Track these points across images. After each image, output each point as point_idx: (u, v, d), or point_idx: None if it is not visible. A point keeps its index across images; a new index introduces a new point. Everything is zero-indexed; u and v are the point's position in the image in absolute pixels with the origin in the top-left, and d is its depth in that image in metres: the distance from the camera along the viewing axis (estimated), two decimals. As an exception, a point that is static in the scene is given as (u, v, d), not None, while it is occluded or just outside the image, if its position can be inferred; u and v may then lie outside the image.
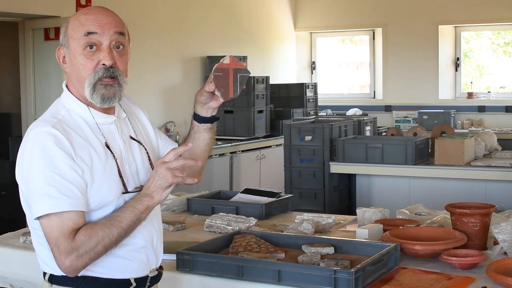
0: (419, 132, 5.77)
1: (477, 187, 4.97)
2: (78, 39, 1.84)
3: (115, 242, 1.80)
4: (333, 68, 10.00)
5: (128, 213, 1.81)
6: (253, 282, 2.25)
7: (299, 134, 5.61)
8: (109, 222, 1.79)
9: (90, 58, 1.84)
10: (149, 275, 1.96)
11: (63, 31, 1.89)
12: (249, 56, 8.02)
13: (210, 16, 7.81)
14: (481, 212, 2.63)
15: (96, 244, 1.76)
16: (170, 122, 6.98)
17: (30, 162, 1.78)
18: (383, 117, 8.72)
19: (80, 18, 1.86)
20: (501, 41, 9.06)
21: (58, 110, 1.88)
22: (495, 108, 8.54)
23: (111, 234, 1.78)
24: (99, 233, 1.77)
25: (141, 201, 1.82)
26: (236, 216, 3.10)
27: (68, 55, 1.87)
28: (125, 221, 1.80)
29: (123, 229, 1.80)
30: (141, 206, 1.82)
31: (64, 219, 1.75)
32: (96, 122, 1.88)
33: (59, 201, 1.74)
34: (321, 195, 5.48)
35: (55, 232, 1.75)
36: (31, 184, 1.78)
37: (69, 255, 1.74)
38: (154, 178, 1.82)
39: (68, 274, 1.79)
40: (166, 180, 1.80)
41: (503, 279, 2.13)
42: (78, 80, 1.87)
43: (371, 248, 2.43)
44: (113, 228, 1.78)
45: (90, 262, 1.78)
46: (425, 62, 8.78)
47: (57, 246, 1.75)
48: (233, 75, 1.95)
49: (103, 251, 1.78)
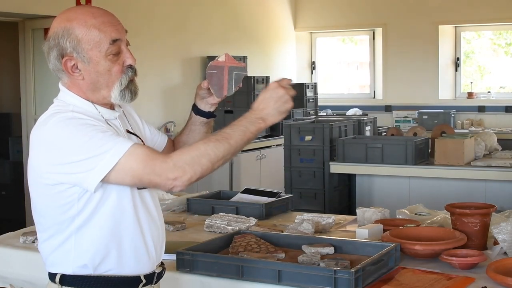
0: (419, 132, 5.77)
1: (477, 187, 4.97)
2: (100, 46, 1.80)
3: (222, 157, 1.76)
4: (333, 68, 10.00)
5: (238, 132, 1.79)
6: (253, 282, 2.25)
7: (299, 134, 5.61)
8: (215, 137, 1.77)
9: (116, 63, 1.84)
10: (156, 271, 1.97)
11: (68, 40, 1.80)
12: (249, 56, 8.03)
13: (210, 16, 7.81)
14: (481, 212, 2.63)
15: (198, 156, 1.73)
16: (170, 122, 6.98)
17: (67, 141, 1.73)
18: (383, 117, 8.72)
19: (93, 23, 1.81)
20: (502, 41, 9.06)
21: (64, 107, 1.84)
22: (495, 108, 8.54)
23: (217, 148, 1.75)
24: (201, 146, 1.74)
25: (254, 123, 1.81)
26: (236, 216, 3.10)
27: (86, 63, 1.81)
28: (234, 138, 1.78)
29: (231, 146, 1.77)
30: (253, 128, 1.81)
31: (134, 152, 1.72)
32: (104, 118, 1.86)
33: (118, 145, 1.71)
34: (321, 195, 5.48)
35: (140, 164, 1.71)
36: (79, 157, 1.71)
37: (170, 170, 1.71)
38: (271, 100, 1.82)
39: (174, 189, 1.74)
40: (286, 103, 1.82)
41: (503, 279, 2.13)
42: (99, 85, 1.84)
43: (371, 248, 2.43)
44: (219, 143, 1.76)
45: (195, 176, 1.73)
46: (425, 62, 8.78)
47: (152, 172, 1.71)
48: (228, 73, 1.96)
49: (209, 165, 1.74)
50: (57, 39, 1.82)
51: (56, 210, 1.82)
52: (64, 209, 1.80)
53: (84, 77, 1.83)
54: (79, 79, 1.84)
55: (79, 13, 1.84)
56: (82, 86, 1.85)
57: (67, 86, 1.89)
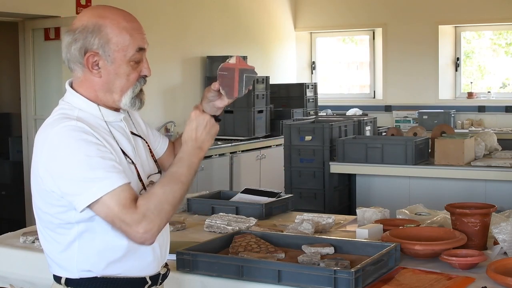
0: (419, 132, 5.77)
1: (477, 187, 4.97)
2: (126, 50, 1.83)
3: (180, 198, 1.78)
4: (333, 68, 10.00)
5: (185, 168, 1.80)
6: (253, 282, 2.25)
7: (299, 134, 5.61)
8: (167, 180, 1.78)
9: (136, 70, 1.87)
10: (161, 272, 1.97)
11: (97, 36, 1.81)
12: (249, 56, 8.02)
13: (210, 16, 7.81)
14: (481, 212, 2.63)
15: (160, 202, 1.73)
16: (170, 122, 6.98)
17: (63, 158, 1.73)
18: (383, 117, 8.72)
19: (125, 26, 1.83)
20: (502, 41, 9.06)
21: (70, 110, 1.83)
22: (495, 108, 8.54)
23: (173, 190, 1.76)
24: (159, 192, 1.75)
25: (194, 154, 1.83)
26: (236, 216, 3.10)
27: (108, 63, 1.83)
28: (184, 175, 1.79)
29: (184, 184, 1.79)
30: (196, 159, 1.83)
31: (118, 193, 1.72)
32: (105, 120, 1.87)
33: (108, 180, 1.72)
34: (321, 195, 5.48)
35: (115, 209, 1.71)
36: (72, 176, 1.72)
37: (139, 223, 1.71)
38: (199, 128, 1.84)
39: (145, 243, 1.75)
40: (214, 126, 1.87)
41: (503, 279, 2.13)
42: (114, 88, 1.85)
43: (371, 248, 2.43)
44: (173, 184, 1.77)
45: (162, 225, 1.75)
46: (425, 62, 8.78)
47: (123, 220, 1.71)
48: (239, 75, 1.97)
49: (171, 209, 1.76)
50: (86, 33, 1.82)
51: (56, 215, 1.80)
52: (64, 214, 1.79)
53: (102, 75, 1.84)
54: (96, 76, 1.84)
55: (113, 13, 1.85)
56: (96, 84, 1.85)
57: (77, 82, 1.88)
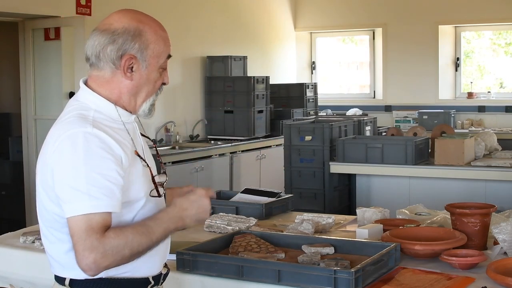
0: (419, 132, 5.77)
1: (477, 187, 4.97)
2: (160, 57, 1.88)
3: (142, 252, 1.77)
4: (333, 68, 10.00)
5: (161, 229, 1.81)
6: (253, 282, 2.25)
7: (299, 134, 5.61)
8: (141, 229, 1.77)
9: (160, 77, 1.91)
10: (162, 272, 1.98)
11: (138, 41, 1.83)
12: (249, 56, 8.03)
13: (210, 16, 7.81)
14: (481, 212, 2.63)
15: (124, 246, 1.72)
16: (170, 122, 6.98)
17: (68, 162, 1.73)
18: (383, 117, 8.72)
19: (161, 35, 1.88)
20: (502, 41, 9.06)
21: (87, 110, 1.83)
22: (495, 108, 8.54)
23: (141, 242, 1.76)
24: (129, 237, 1.73)
25: (174, 222, 1.85)
26: (236, 216, 3.10)
27: (143, 67, 1.86)
28: (156, 235, 1.79)
29: (153, 242, 1.79)
30: (173, 227, 1.85)
31: (97, 217, 1.71)
32: (122, 121, 1.87)
33: (99, 201, 1.71)
34: (321, 195, 5.48)
35: (82, 226, 1.70)
36: (68, 182, 1.73)
37: (93, 250, 1.69)
38: (195, 205, 1.88)
39: (87, 272, 1.71)
40: (205, 214, 1.90)
41: (503, 279, 2.13)
42: (141, 92, 1.89)
43: (371, 248, 2.43)
44: (144, 237, 1.76)
45: (111, 265, 1.73)
46: (425, 62, 8.78)
47: (83, 239, 1.69)
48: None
49: (128, 257, 1.74)
50: (127, 35, 1.83)
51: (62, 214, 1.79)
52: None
53: (133, 79, 1.86)
54: (127, 79, 1.86)
55: (151, 20, 1.90)
56: (124, 86, 1.86)
57: (100, 81, 1.87)
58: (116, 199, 1.75)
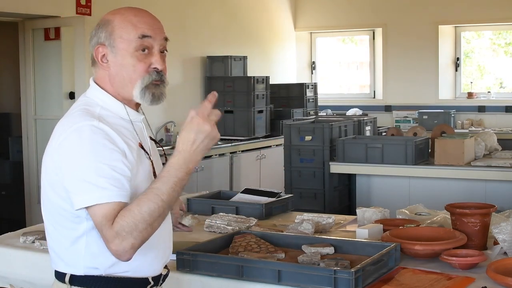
0: (419, 132, 5.77)
1: (477, 187, 4.97)
2: (130, 40, 1.85)
3: (158, 216, 1.73)
4: (333, 68, 10.00)
5: (170, 184, 1.74)
6: (253, 282, 2.25)
7: (299, 134, 5.61)
8: (145, 197, 1.73)
9: (143, 61, 1.86)
10: (162, 273, 1.99)
11: (105, 30, 1.87)
12: (249, 56, 8.03)
13: (210, 16, 7.81)
14: (481, 212, 2.63)
15: (134, 221, 1.70)
16: (170, 122, 6.98)
17: (76, 154, 1.75)
18: (383, 117, 8.72)
19: (131, 19, 1.87)
20: (502, 41, 9.06)
21: (93, 107, 1.86)
22: (495, 108, 8.54)
23: (151, 209, 1.71)
24: (135, 210, 1.71)
25: (182, 169, 1.75)
26: (236, 216, 3.10)
27: (113, 54, 1.86)
28: (166, 193, 1.73)
29: (164, 202, 1.73)
30: (183, 174, 1.75)
31: (108, 207, 1.72)
32: (130, 119, 1.90)
33: (108, 192, 1.72)
34: (321, 195, 5.48)
35: (99, 220, 1.72)
36: (76, 174, 1.74)
37: (112, 240, 1.70)
38: (198, 139, 1.76)
39: (120, 259, 1.73)
40: (214, 138, 1.78)
41: (503, 279, 2.13)
42: (123, 80, 1.87)
43: (371, 248, 2.43)
44: (151, 203, 1.72)
45: (138, 242, 1.71)
46: (425, 62, 8.78)
47: (103, 234, 1.72)
48: None
49: (147, 227, 1.71)
50: (98, 28, 1.90)
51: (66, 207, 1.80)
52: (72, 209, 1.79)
53: (110, 67, 1.88)
54: (105, 69, 1.88)
55: (125, 10, 1.90)
56: (109, 78, 1.89)
57: (97, 78, 1.92)
58: (125, 190, 1.76)
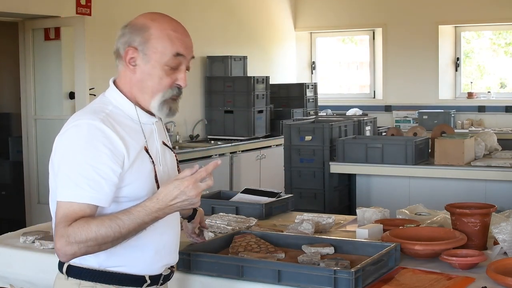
0: (419, 132, 5.77)
1: (477, 187, 4.97)
2: (164, 54, 1.88)
3: (111, 243, 1.79)
4: (333, 68, 10.00)
5: (132, 222, 1.78)
6: (253, 282, 2.25)
7: (299, 134, 5.61)
8: (108, 222, 1.77)
9: (170, 76, 1.91)
10: (163, 273, 1.99)
11: (141, 35, 1.88)
12: (249, 56, 8.03)
13: (210, 16, 7.81)
14: (481, 212, 2.63)
15: (87, 239, 1.75)
16: (170, 122, 6.98)
17: (69, 149, 1.82)
18: (383, 117, 8.72)
19: (169, 34, 1.89)
20: (502, 41, 9.06)
21: (106, 105, 1.91)
22: (495, 108, 8.55)
23: (107, 235, 1.76)
24: (93, 229, 1.75)
25: (152, 215, 1.79)
26: (236, 216, 3.10)
27: (144, 61, 1.89)
28: (126, 228, 1.78)
29: (122, 235, 1.78)
30: (149, 219, 1.80)
31: (74, 208, 1.77)
32: (140, 121, 1.93)
33: (84, 192, 1.77)
34: (321, 195, 5.48)
35: (61, 212, 1.78)
36: (63, 168, 1.81)
37: (60, 238, 1.76)
38: (182, 196, 1.80)
39: (57, 255, 1.80)
40: (193, 204, 1.83)
41: (503, 279, 2.13)
42: (146, 88, 1.91)
43: (371, 248, 2.43)
44: (110, 230, 1.76)
45: (80, 253, 1.78)
46: (425, 62, 8.78)
47: (57, 226, 1.78)
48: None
49: (95, 247, 1.77)
50: (133, 29, 1.91)
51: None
52: None
53: (136, 72, 1.91)
54: (131, 72, 1.92)
55: (164, 19, 1.93)
56: (131, 80, 1.93)
57: (118, 77, 1.96)
58: (103, 193, 1.79)
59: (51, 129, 5.95)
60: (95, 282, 1.88)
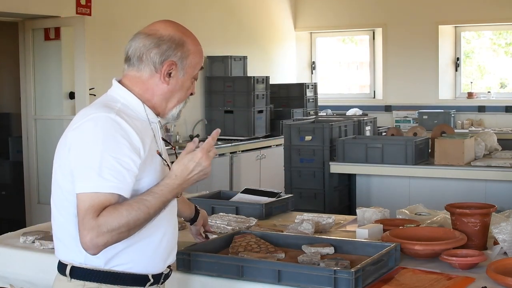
0: (419, 132, 5.77)
1: (477, 187, 4.97)
2: (195, 68, 2.00)
3: (140, 226, 1.81)
4: (333, 68, 10.00)
5: (159, 202, 1.83)
6: (253, 282, 2.25)
7: (299, 134, 5.61)
8: (136, 205, 1.80)
9: (191, 87, 2.03)
10: (164, 272, 2.01)
11: (180, 50, 1.95)
12: (249, 56, 8.03)
13: (210, 16, 7.81)
14: (481, 212, 2.63)
15: (119, 223, 1.76)
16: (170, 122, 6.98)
17: (88, 141, 1.82)
18: (383, 117, 8.72)
19: (199, 50, 2.02)
20: (502, 41, 9.07)
21: (114, 102, 1.92)
22: (495, 108, 8.55)
23: (138, 218, 1.79)
24: (124, 214, 1.77)
25: (173, 192, 1.86)
26: (236, 216, 3.10)
27: (180, 75, 1.97)
28: (154, 208, 1.82)
29: (150, 215, 1.82)
30: (171, 196, 1.87)
31: (100, 198, 1.77)
32: (148, 118, 1.95)
33: (108, 182, 1.78)
34: (321, 195, 5.48)
35: (86, 204, 1.77)
36: (84, 161, 1.80)
37: (90, 230, 1.75)
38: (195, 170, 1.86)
39: (87, 251, 1.78)
40: (206, 174, 1.89)
41: (503, 279, 2.13)
42: (174, 97, 1.98)
43: (371, 248, 2.43)
44: (140, 212, 1.79)
45: (111, 242, 1.78)
46: (425, 62, 8.78)
47: (82, 218, 1.76)
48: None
49: (126, 234, 1.79)
50: (171, 43, 1.94)
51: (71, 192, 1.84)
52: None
53: (170, 84, 1.96)
54: (164, 83, 1.95)
55: (191, 34, 2.02)
56: (159, 89, 1.96)
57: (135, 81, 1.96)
58: (126, 183, 1.81)
59: (51, 129, 5.96)
60: (100, 283, 1.87)
